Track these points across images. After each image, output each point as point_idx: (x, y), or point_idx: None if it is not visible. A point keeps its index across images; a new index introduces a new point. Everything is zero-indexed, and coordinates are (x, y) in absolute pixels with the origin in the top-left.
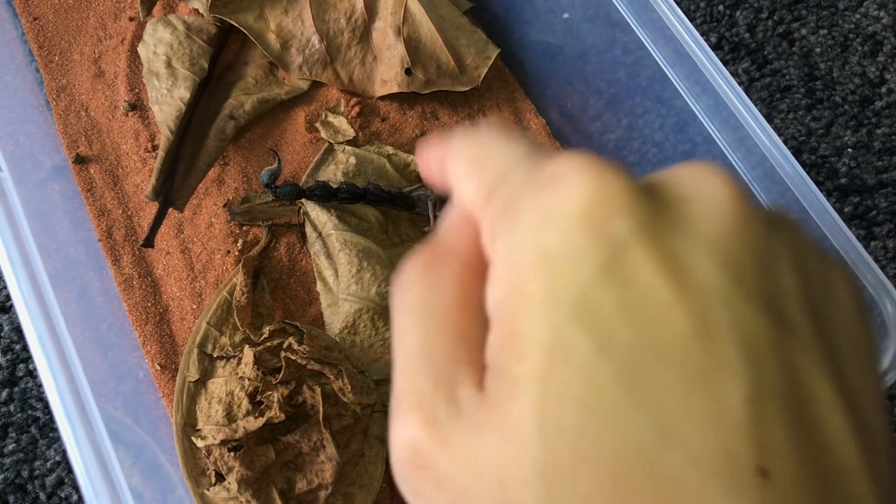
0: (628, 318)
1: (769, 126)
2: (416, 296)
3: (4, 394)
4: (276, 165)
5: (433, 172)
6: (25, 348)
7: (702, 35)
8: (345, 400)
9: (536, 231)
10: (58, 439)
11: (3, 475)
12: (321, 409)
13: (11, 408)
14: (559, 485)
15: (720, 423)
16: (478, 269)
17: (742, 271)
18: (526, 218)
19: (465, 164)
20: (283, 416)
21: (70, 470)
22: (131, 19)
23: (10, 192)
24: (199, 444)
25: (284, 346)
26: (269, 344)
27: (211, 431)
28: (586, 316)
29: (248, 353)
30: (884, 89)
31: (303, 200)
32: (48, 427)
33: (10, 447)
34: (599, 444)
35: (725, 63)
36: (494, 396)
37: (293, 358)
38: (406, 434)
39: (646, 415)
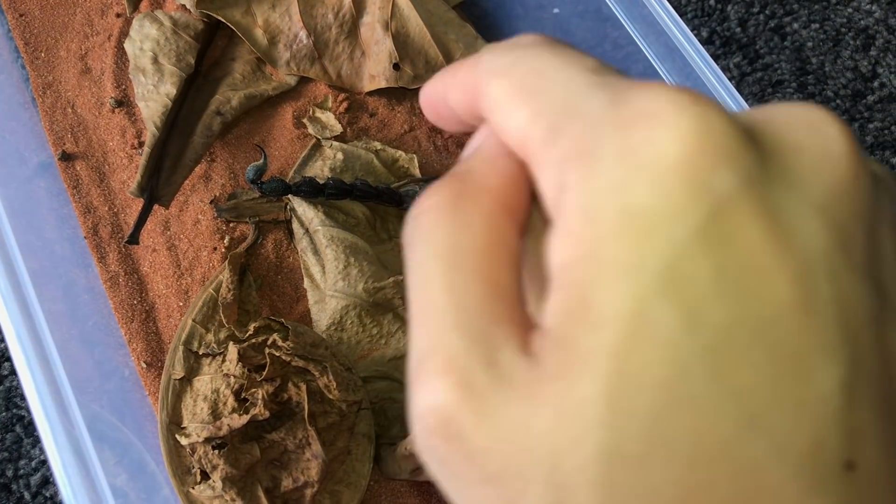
0: (723, 291)
1: None
2: (441, 238)
3: None
4: (262, 161)
5: (456, 101)
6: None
7: (693, 29)
8: (330, 397)
9: (622, 183)
10: None
11: None
12: (306, 407)
13: None
14: (624, 473)
15: (811, 411)
16: (514, 211)
17: (849, 237)
18: (608, 166)
19: (510, 88)
20: (267, 414)
21: None
22: (118, 15)
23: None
24: (184, 441)
25: (269, 342)
26: (253, 341)
27: (196, 429)
28: (676, 287)
29: (232, 350)
30: (876, 83)
31: (290, 197)
32: (33, 426)
33: None
34: (676, 431)
35: (717, 58)
36: (554, 367)
37: (277, 354)
38: (434, 399)
39: (732, 401)
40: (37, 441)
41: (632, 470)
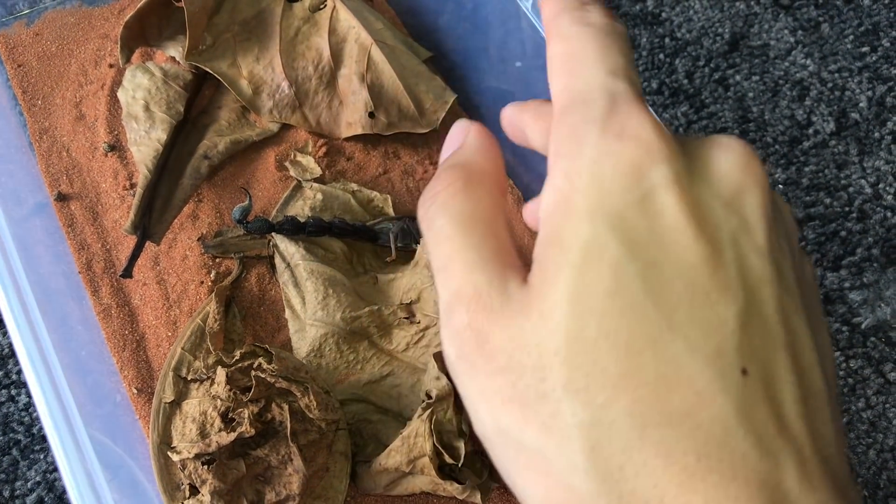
0: (655, 240)
1: None
2: (459, 209)
3: None
4: (247, 202)
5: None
6: (7, 374)
7: (644, 81)
8: (311, 416)
9: (596, 161)
10: (38, 461)
11: None
12: (289, 425)
13: None
14: (583, 353)
15: (715, 328)
16: (504, 188)
17: (751, 226)
18: (590, 150)
19: (561, 59)
20: (253, 432)
21: (50, 489)
22: (111, 66)
23: (0, 224)
24: (175, 458)
25: (255, 366)
26: (240, 364)
27: (186, 447)
28: (622, 228)
29: (220, 373)
30: (811, 130)
31: (272, 234)
32: (29, 449)
33: None
34: (619, 326)
35: (665, 107)
36: (538, 284)
37: (263, 376)
38: (467, 318)
39: (659, 310)
40: (32, 463)
41: (589, 351)
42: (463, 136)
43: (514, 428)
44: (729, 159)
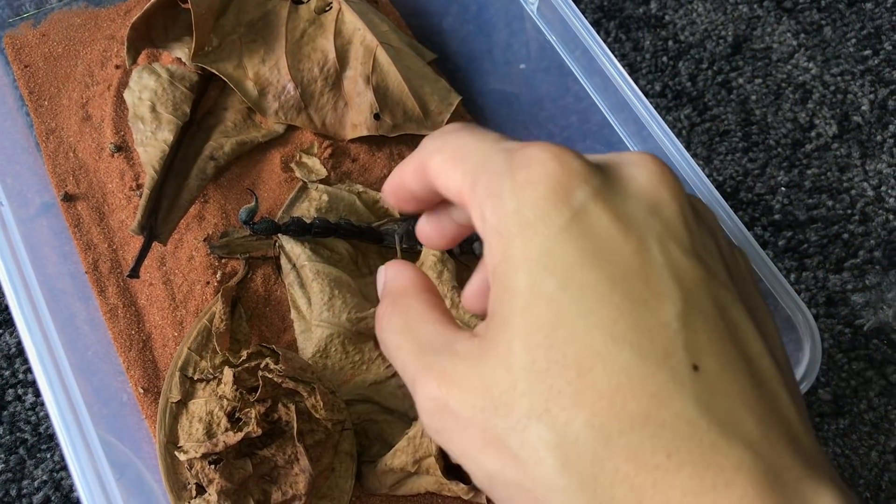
0: (586, 261)
1: (700, 169)
2: (396, 322)
3: None
4: (253, 203)
5: (410, 179)
6: (14, 374)
7: (647, 84)
8: (317, 416)
9: (516, 207)
10: (45, 459)
11: None
12: (295, 425)
13: (0, 430)
14: (538, 382)
15: (659, 331)
16: (423, 281)
17: (674, 230)
18: (507, 196)
19: (446, 159)
20: (259, 432)
21: (56, 488)
22: (117, 67)
23: (10, 224)
24: (182, 457)
25: (261, 366)
26: (247, 364)
27: (193, 447)
28: (552, 264)
29: (227, 373)
30: (813, 133)
31: (278, 234)
32: (36, 448)
33: None
34: (565, 351)
35: (669, 109)
36: (491, 334)
37: (270, 376)
38: (427, 390)
39: (600, 327)
40: (39, 462)
41: (542, 380)
42: (384, 275)
43: (496, 469)
44: (643, 174)
